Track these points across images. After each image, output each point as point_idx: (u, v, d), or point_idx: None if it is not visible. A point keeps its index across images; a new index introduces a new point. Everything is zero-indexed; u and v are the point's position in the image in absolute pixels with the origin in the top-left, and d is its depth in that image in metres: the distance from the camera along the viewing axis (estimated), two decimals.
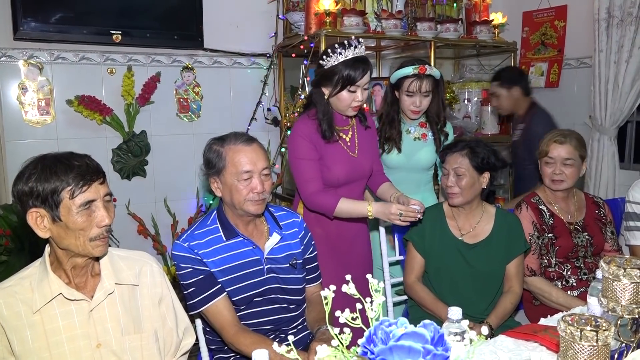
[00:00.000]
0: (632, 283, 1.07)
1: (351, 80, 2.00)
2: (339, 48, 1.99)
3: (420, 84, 2.29)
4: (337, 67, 1.99)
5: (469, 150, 2.02)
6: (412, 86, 2.29)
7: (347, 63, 1.99)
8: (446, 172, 2.06)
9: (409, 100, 2.33)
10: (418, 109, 2.34)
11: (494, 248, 2.03)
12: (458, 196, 2.02)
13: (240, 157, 1.65)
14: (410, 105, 2.33)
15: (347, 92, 2.02)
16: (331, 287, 0.92)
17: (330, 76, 2.01)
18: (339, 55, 1.99)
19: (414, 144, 2.42)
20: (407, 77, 2.30)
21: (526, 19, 4.16)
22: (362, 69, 2.00)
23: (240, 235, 1.71)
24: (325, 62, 2.02)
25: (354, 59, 2.00)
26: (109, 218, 1.30)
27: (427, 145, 2.42)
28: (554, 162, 2.16)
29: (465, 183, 2.00)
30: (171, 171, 3.22)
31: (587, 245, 2.16)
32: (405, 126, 2.44)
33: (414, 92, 2.31)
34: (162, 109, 3.20)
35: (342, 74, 1.99)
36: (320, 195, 2.04)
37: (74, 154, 1.34)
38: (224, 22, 3.31)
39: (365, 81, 2.02)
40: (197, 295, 1.64)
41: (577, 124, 3.76)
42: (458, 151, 2.03)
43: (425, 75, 2.28)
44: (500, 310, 1.97)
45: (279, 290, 1.74)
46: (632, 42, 3.36)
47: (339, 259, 2.10)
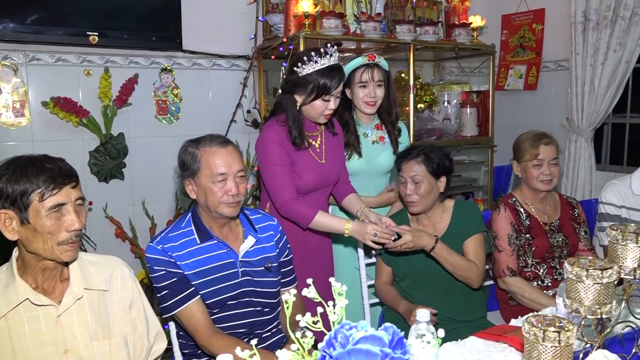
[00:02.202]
0: (595, 284, 1.08)
1: (326, 90, 2.00)
2: (315, 56, 1.98)
3: (372, 72, 2.30)
4: (312, 75, 1.99)
5: (424, 157, 2.03)
6: (364, 75, 2.30)
7: (322, 72, 1.99)
8: (403, 180, 2.06)
9: (363, 92, 2.32)
10: (373, 100, 2.32)
11: (453, 238, 2.04)
12: (418, 204, 2.03)
13: (215, 160, 1.65)
14: (365, 96, 2.32)
15: (321, 101, 2.02)
16: (292, 291, 0.92)
17: (305, 84, 2.01)
18: (314, 63, 1.98)
19: (373, 147, 2.41)
20: (358, 69, 2.30)
21: (505, 21, 4.21)
22: (337, 78, 2.00)
23: (215, 238, 1.71)
24: (300, 69, 2.00)
25: (329, 67, 2.00)
26: (79, 222, 1.29)
27: (386, 149, 2.42)
28: (542, 164, 2.18)
29: (423, 190, 2.01)
30: (150, 174, 3.19)
31: (562, 246, 2.19)
32: (362, 129, 2.42)
33: (367, 82, 2.30)
34: (140, 111, 3.17)
35: (317, 82, 1.99)
36: (297, 204, 2.03)
37: (48, 156, 1.32)
38: (203, 23, 3.29)
39: (339, 90, 2.03)
40: (170, 298, 1.63)
41: (555, 126, 3.82)
42: (413, 158, 2.04)
43: (376, 64, 2.30)
44: (454, 251, 1.98)
45: (254, 294, 1.74)
46: (607, 45, 3.41)
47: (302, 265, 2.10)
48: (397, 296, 2.06)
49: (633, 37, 3.32)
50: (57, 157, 1.33)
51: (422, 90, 3.79)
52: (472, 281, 1.98)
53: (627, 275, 1.18)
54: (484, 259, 2.03)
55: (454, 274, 1.97)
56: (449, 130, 3.64)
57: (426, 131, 3.52)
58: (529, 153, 2.19)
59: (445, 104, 3.89)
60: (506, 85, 4.17)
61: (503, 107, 4.08)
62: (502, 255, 2.14)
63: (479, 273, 1.98)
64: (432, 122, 3.64)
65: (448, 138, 3.60)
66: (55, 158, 1.33)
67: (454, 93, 3.90)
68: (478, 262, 1.99)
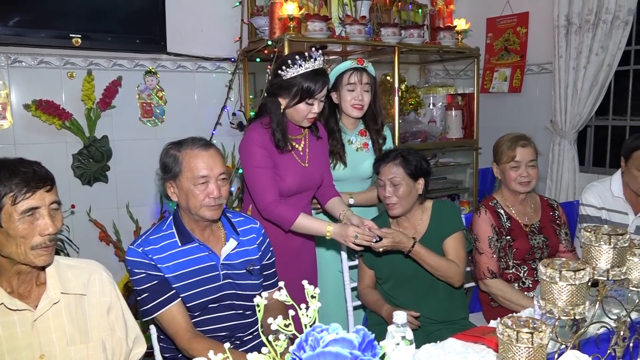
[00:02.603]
0: (568, 285, 1.10)
1: (310, 93, 2.01)
2: (300, 60, 1.99)
3: (361, 75, 2.32)
4: (297, 79, 2.00)
5: (401, 159, 2.04)
6: (353, 77, 2.32)
7: (306, 76, 2.00)
8: (382, 183, 2.07)
9: (350, 95, 2.33)
10: (360, 103, 2.34)
11: (433, 238, 2.05)
12: (397, 207, 2.04)
13: (196, 162, 1.65)
14: (352, 99, 2.33)
15: (305, 104, 2.03)
16: (264, 294, 0.92)
17: (289, 87, 2.01)
18: (298, 67, 1.99)
19: (357, 155, 2.43)
20: (347, 72, 2.32)
21: (490, 25, 4.24)
22: (321, 82, 2.02)
23: (196, 240, 1.71)
24: (285, 72, 2.01)
25: (314, 71, 2.01)
26: (53, 227, 1.28)
27: (369, 156, 2.43)
28: (520, 165, 2.20)
29: (402, 192, 2.02)
30: (134, 177, 3.17)
31: (543, 247, 2.21)
32: (347, 136, 2.43)
33: (355, 84, 2.32)
34: (124, 114, 3.15)
35: (301, 86, 2.00)
36: (279, 207, 2.03)
37: (23, 160, 1.31)
38: (188, 26, 3.28)
39: (323, 94, 2.04)
40: (150, 301, 1.62)
41: (539, 128, 3.85)
42: (391, 161, 2.05)
43: (364, 68, 2.33)
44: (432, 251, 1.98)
45: (235, 296, 1.74)
46: (589, 48, 3.45)
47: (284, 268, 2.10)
48: (379, 299, 2.07)
49: (615, 40, 3.37)
50: (32, 161, 1.32)
51: (408, 93, 3.81)
52: (453, 280, 1.99)
53: (600, 277, 1.19)
54: (464, 257, 2.04)
55: (434, 274, 1.98)
56: (434, 132, 3.66)
57: (411, 134, 3.54)
58: (507, 155, 2.21)
59: (430, 107, 3.91)
60: (491, 87, 4.20)
61: (488, 110, 4.11)
62: (483, 257, 2.15)
63: (459, 272, 1.99)
64: (417, 124, 3.65)
65: (433, 140, 3.61)
66: (31, 161, 1.32)
67: (439, 96, 3.92)
68: (458, 261, 2.00)
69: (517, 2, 4.02)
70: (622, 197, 2.40)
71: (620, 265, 1.19)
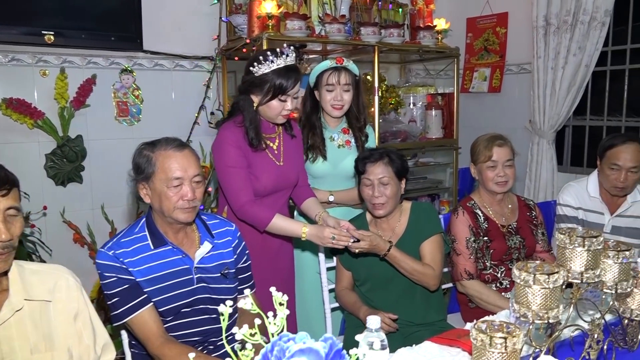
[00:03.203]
0: (542, 289, 1.09)
1: (283, 90, 1.98)
2: (271, 56, 1.97)
3: (339, 75, 2.28)
4: (268, 75, 1.97)
5: (388, 159, 2.03)
6: (331, 78, 2.28)
7: (278, 72, 1.97)
8: (369, 182, 2.03)
9: (329, 95, 2.31)
10: (340, 104, 2.31)
11: (411, 241, 2.04)
12: (385, 207, 2.02)
13: (170, 163, 1.61)
14: (332, 100, 2.30)
15: (278, 101, 2.01)
16: (227, 302, 0.89)
17: (261, 84, 1.99)
18: (270, 63, 1.97)
19: (339, 151, 2.39)
20: (326, 71, 2.29)
21: (470, 25, 4.25)
22: (294, 78, 1.99)
23: (169, 243, 1.67)
24: (256, 69, 1.98)
25: (286, 67, 1.99)
26: (6, 234, 1.22)
27: (352, 153, 2.40)
28: (496, 165, 2.19)
29: (390, 192, 2.00)
30: (109, 177, 3.10)
31: (520, 248, 2.21)
32: (329, 133, 2.40)
33: (333, 85, 2.29)
34: (99, 113, 3.08)
35: (273, 82, 1.97)
36: (254, 207, 2.01)
37: None
38: (165, 23, 3.22)
39: (295, 90, 2.01)
40: (121, 306, 1.58)
41: (519, 128, 3.87)
42: (380, 160, 2.03)
43: (344, 68, 2.29)
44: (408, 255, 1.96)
45: (209, 301, 1.70)
46: (567, 49, 3.48)
47: (261, 270, 2.07)
48: (357, 301, 2.05)
49: (592, 41, 3.39)
50: None
51: (388, 92, 3.80)
52: (428, 285, 1.98)
53: (574, 279, 1.18)
54: (440, 261, 2.02)
55: (409, 277, 1.97)
56: (415, 132, 3.65)
57: (391, 133, 3.53)
58: (483, 155, 2.20)
59: (410, 106, 3.91)
60: (471, 87, 4.22)
61: (468, 110, 4.12)
62: (460, 258, 2.15)
63: (434, 276, 1.97)
64: (397, 124, 3.64)
65: (413, 140, 3.61)
66: None
67: (420, 95, 3.92)
68: (434, 264, 1.98)
69: (496, 2, 4.03)
70: (598, 197, 2.42)
71: (594, 267, 1.18)
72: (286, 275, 2.29)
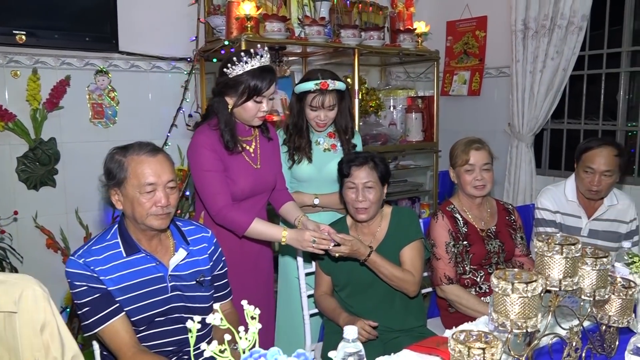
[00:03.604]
0: (521, 297, 1.07)
1: (257, 91, 1.95)
2: (245, 57, 1.93)
3: (323, 99, 2.23)
4: (243, 76, 1.94)
5: (373, 163, 2.00)
6: (315, 101, 2.24)
7: (253, 73, 1.94)
8: (353, 186, 2.00)
9: (313, 114, 2.28)
10: (323, 122, 2.29)
11: (391, 246, 2.02)
12: (367, 211, 1.99)
13: (143, 169, 1.57)
14: (315, 118, 2.28)
15: (253, 103, 1.97)
16: (195, 318, 0.86)
17: (235, 86, 1.95)
18: (244, 64, 1.93)
19: (324, 155, 2.36)
20: (310, 92, 2.24)
21: (450, 28, 4.27)
22: (269, 79, 1.95)
23: (143, 250, 1.63)
24: (230, 70, 1.95)
25: (261, 68, 1.95)
26: None
27: (338, 156, 2.34)
28: (474, 169, 2.19)
29: (374, 197, 1.98)
30: (84, 180, 3.02)
31: (499, 252, 2.20)
32: (315, 137, 2.38)
33: (317, 107, 2.26)
34: (73, 115, 3.01)
35: (248, 83, 1.93)
36: (232, 212, 1.96)
37: None
38: (141, 24, 3.15)
39: (271, 91, 1.98)
40: (92, 316, 1.53)
41: (498, 131, 3.89)
42: (365, 164, 2.00)
43: (328, 91, 2.23)
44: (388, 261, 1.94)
45: (184, 309, 1.66)
46: (545, 53, 3.51)
47: (239, 279, 2.03)
48: (337, 308, 2.02)
49: (569, 45, 3.43)
50: None
51: (368, 95, 3.79)
52: (408, 291, 1.96)
53: (553, 287, 1.17)
54: (420, 267, 2.00)
55: (389, 283, 1.95)
56: (395, 135, 3.65)
57: (372, 136, 3.51)
58: (461, 158, 2.20)
59: (391, 109, 3.90)
60: (451, 90, 4.23)
61: (448, 113, 4.13)
62: (440, 263, 2.13)
63: (414, 282, 1.95)
64: (377, 127, 3.63)
65: (394, 143, 3.60)
66: None
67: (400, 98, 3.92)
68: (414, 270, 1.97)
69: (476, 6, 4.05)
70: (575, 200, 2.43)
71: (572, 275, 1.17)
72: (266, 280, 2.26)
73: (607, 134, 3.55)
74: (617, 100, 3.51)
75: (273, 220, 2.24)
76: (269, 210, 2.28)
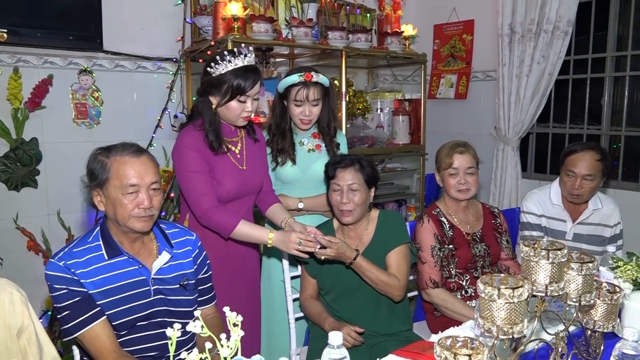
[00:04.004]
0: (507, 303, 1.06)
1: (241, 90, 1.93)
2: (229, 56, 1.92)
3: (308, 91, 2.21)
4: (226, 75, 1.92)
5: (359, 166, 1.99)
6: (299, 94, 2.22)
7: (236, 72, 1.92)
8: (338, 188, 2.00)
9: (297, 109, 2.25)
10: (308, 119, 2.26)
11: (377, 250, 2.01)
12: (353, 214, 1.98)
13: (126, 170, 1.55)
14: (300, 114, 2.25)
15: (237, 102, 1.95)
16: (175, 325, 0.84)
17: (219, 85, 1.93)
18: (228, 63, 1.92)
19: (309, 156, 2.34)
20: (294, 86, 2.22)
21: (437, 31, 4.28)
22: (252, 79, 1.93)
23: (125, 253, 1.60)
24: (214, 69, 1.93)
25: (244, 67, 1.93)
26: None
27: (322, 157, 2.34)
28: (458, 173, 2.18)
29: (359, 199, 1.97)
30: (66, 181, 2.97)
31: (484, 255, 2.20)
32: (298, 137, 2.35)
33: (302, 101, 2.23)
34: (56, 115, 2.95)
35: (231, 83, 1.92)
36: (218, 213, 1.94)
37: None
38: (127, 23, 3.11)
39: (255, 91, 1.96)
40: (71, 320, 1.50)
41: (484, 135, 3.91)
42: (351, 166, 1.99)
43: (313, 83, 2.21)
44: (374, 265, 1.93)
45: (167, 313, 1.64)
46: (531, 57, 3.53)
47: (225, 283, 2.01)
48: (323, 312, 2.00)
49: (555, 50, 3.45)
50: None
51: (356, 97, 3.78)
52: (393, 295, 1.95)
53: (539, 292, 1.16)
54: (406, 271, 1.99)
55: (374, 287, 1.94)
56: (382, 138, 3.64)
57: (359, 139, 3.51)
58: (444, 162, 2.21)
59: (378, 112, 3.90)
60: (438, 93, 4.24)
61: (435, 116, 4.14)
62: (425, 267, 2.13)
63: (399, 287, 1.94)
64: (365, 129, 3.62)
65: (380, 146, 3.60)
66: None
67: (387, 101, 3.91)
68: (399, 275, 1.95)
69: (463, 9, 4.07)
70: (560, 204, 2.44)
71: (558, 280, 1.17)
72: (252, 284, 2.23)
73: (592, 139, 3.57)
74: (602, 105, 3.54)
75: (259, 222, 2.21)
76: (255, 212, 2.25)
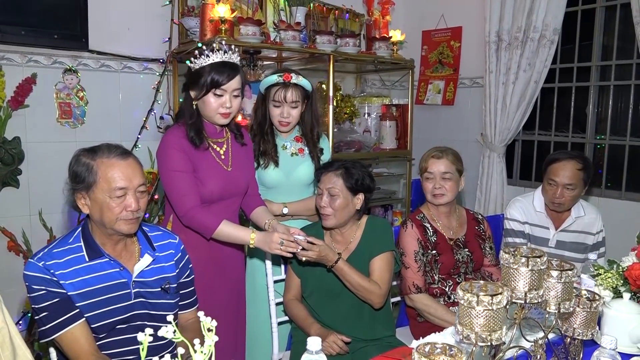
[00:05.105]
0: (486, 310, 1.06)
1: (216, 84, 1.93)
2: (207, 50, 1.95)
3: (286, 92, 2.20)
4: (204, 69, 1.94)
5: (343, 171, 1.99)
6: (278, 95, 2.21)
7: (213, 66, 1.94)
8: (320, 191, 2.01)
9: (276, 110, 2.24)
10: (286, 121, 2.25)
11: (362, 255, 2.01)
12: (331, 218, 1.98)
13: (113, 172, 1.53)
14: (278, 116, 2.24)
15: (213, 96, 1.95)
16: (147, 330, 0.83)
17: (197, 79, 1.95)
18: (206, 57, 1.94)
19: (292, 159, 2.32)
20: (273, 86, 2.22)
21: (425, 37, 4.30)
22: (227, 73, 1.94)
23: (106, 255, 1.58)
24: (193, 64, 1.97)
25: (222, 62, 1.95)
26: None
27: (306, 160, 2.33)
28: (434, 177, 2.20)
29: (338, 204, 1.97)
30: (49, 181, 2.94)
31: (467, 261, 2.21)
32: (281, 141, 2.33)
33: (280, 102, 2.22)
34: (40, 114, 2.92)
35: (207, 76, 1.93)
36: (200, 213, 1.93)
37: None
38: (113, 23, 3.09)
39: (232, 86, 1.96)
40: (49, 321, 1.48)
41: (471, 141, 3.93)
42: (333, 171, 2.00)
43: (292, 84, 2.21)
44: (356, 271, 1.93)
45: (147, 317, 1.62)
46: (518, 64, 3.56)
47: (208, 283, 1.99)
48: (309, 317, 1.98)
49: (541, 58, 3.48)
50: None
51: (343, 101, 3.78)
52: (373, 302, 1.94)
53: (518, 300, 1.17)
54: (388, 279, 1.98)
55: (355, 293, 1.93)
56: (369, 142, 3.65)
57: (346, 143, 3.51)
58: (421, 166, 2.25)
59: (365, 116, 3.91)
60: (425, 99, 4.26)
61: (422, 121, 4.16)
62: (409, 272, 2.13)
63: (380, 294, 1.93)
64: (352, 134, 3.63)
65: (367, 150, 3.60)
66: None
67: (375, 105, 3.92)
68: (381, 282, 1.95)
69: (451, 16, 4.09)
70: (543, 212, 2.46)
71: (538, 288, 1.17)
72: (237, 285, 2.21)
73: (577, 147, 3.61)
74: (587, 114, 3.58)
75: (245, 225, 2.20)
76: (241, 216, 2.24)
